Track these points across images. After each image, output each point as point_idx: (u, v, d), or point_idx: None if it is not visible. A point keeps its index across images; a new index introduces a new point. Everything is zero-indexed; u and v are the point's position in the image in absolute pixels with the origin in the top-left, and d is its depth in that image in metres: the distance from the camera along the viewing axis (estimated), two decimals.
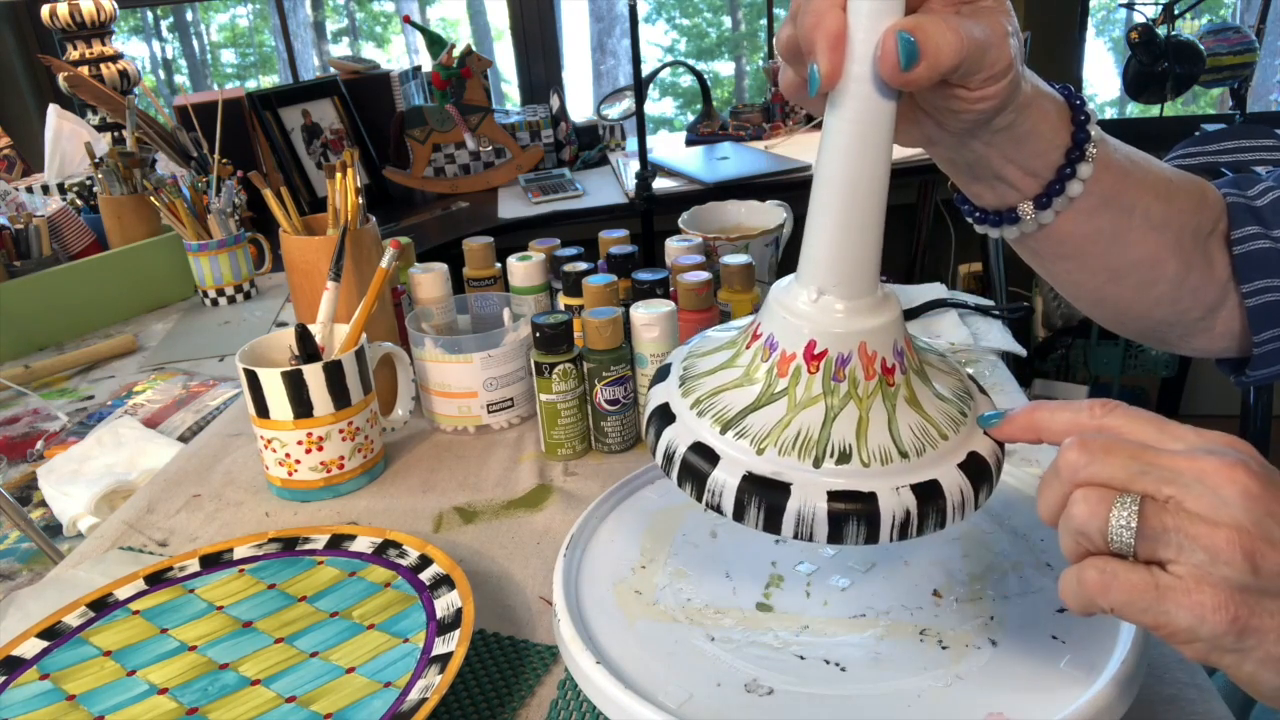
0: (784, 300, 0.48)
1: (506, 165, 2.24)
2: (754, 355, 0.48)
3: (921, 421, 0.47)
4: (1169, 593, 0.36)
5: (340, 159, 0.84)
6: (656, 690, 0.49)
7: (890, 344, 0.47)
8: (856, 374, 0.46)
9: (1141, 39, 2.17)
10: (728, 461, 0.46)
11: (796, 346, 0.47)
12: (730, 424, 0.47)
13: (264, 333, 1.07)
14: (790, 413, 0.46)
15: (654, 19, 3.43)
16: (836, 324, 0.46)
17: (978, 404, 0.49)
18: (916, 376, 0.48)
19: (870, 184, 0.45)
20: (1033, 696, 0.47)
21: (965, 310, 1.03)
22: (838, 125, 0.44)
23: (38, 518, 0.91)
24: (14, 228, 1.38)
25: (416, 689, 0.52)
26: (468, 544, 0.70)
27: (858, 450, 0.45)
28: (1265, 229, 0.57)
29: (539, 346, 0.77)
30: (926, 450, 0.46)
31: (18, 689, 0.56)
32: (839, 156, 0.44)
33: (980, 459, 0.47)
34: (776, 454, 0.46)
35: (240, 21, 3.41)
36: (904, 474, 0.45)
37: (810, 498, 0.44)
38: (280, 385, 0.74)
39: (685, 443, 0.48)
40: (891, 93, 0.43)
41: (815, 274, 0.47)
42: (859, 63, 0.43)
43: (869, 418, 0.46)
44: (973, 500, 0.46)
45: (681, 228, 0.99)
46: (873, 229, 0.46)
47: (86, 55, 1.94)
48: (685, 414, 0.49)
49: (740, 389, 0.48)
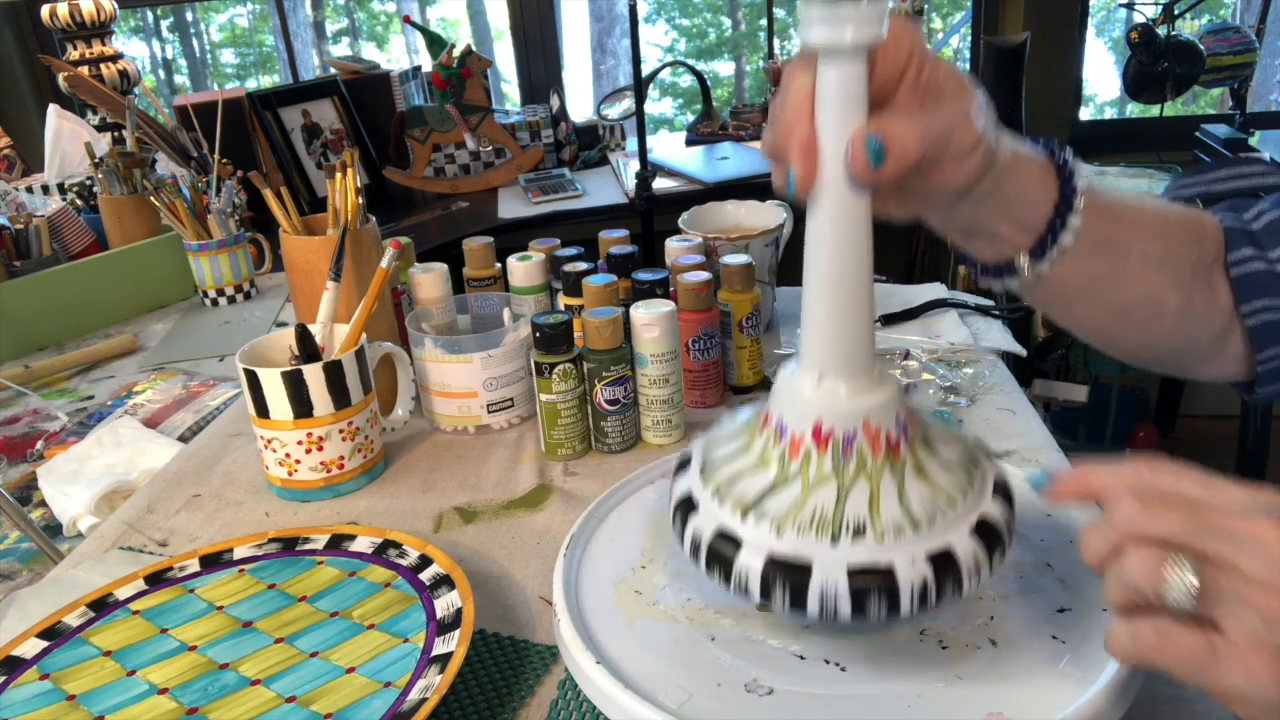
0: (789, 386, 0.50)
1: (506, 165, 2.24)
2: (766, 440, 0.51)
3: (930, 491, 0.48)
4: (1224, 658, 0.36)
5: (340, 159, 0.84)
6: (656, 690, 0.49)
7: (893, 418, 0.49)
8: (863, 450, 0.48)
9: (1141, 39, 2.17)
10: (750, 545, 0.48)
11: (804, 428, 0.49)
12: (750, 508, 0.49)
13: (264, 333, 1.07)
14: (805, 493, 0.48)
15: (654, 19, 3.43)
16: (839, 404, 0.49)
17: (984, 469, 0.51)
18: (922, 447, 0.50)
19: (855, 273, 0.48)
20: (1033, 696, 0.47)
21: (965, 310, 1.03)
22: (820, 222, 0.47)
23: (38, 518, 0.91)
24: (14, 228, 1.38)
25: (416, 689, 0.52)
26: (468, 544, 0.70)
27: (872, 524, 0.47)
28: (1260, 251, 0.59)
29: (539, 346, 0.77)
30: (938, 519, 0.48)
31: (18, 689, 0.56)
32: (823, 251, 0.48)
33: (991, 523, 0.49)
34: (795, 535, 0.48)
35: (240, 21, 3.41)
36: (919, 544, 0.47)
37: (831, 575, 0.46)
38: (280, 385, 0.74)
39: (709, 530, 0.50)
40: (865, 190, 0.46)
41: (815, 358, 0.49)
42: (831, 164, 0.46)
43: (880, 491, 0.48)
44: (987, 565, 0.48)
45: (681, 228, 0.99)
46: (863, 313, 0.49)
47: (86, 55, 1.94)
48: (707, 502, 0.51)
49: (757, 474, 0.50)
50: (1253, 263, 0.58)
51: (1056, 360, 2.27)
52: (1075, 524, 0.60)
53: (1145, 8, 2.30)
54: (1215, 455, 2.37)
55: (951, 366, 0.91)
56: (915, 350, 0.94)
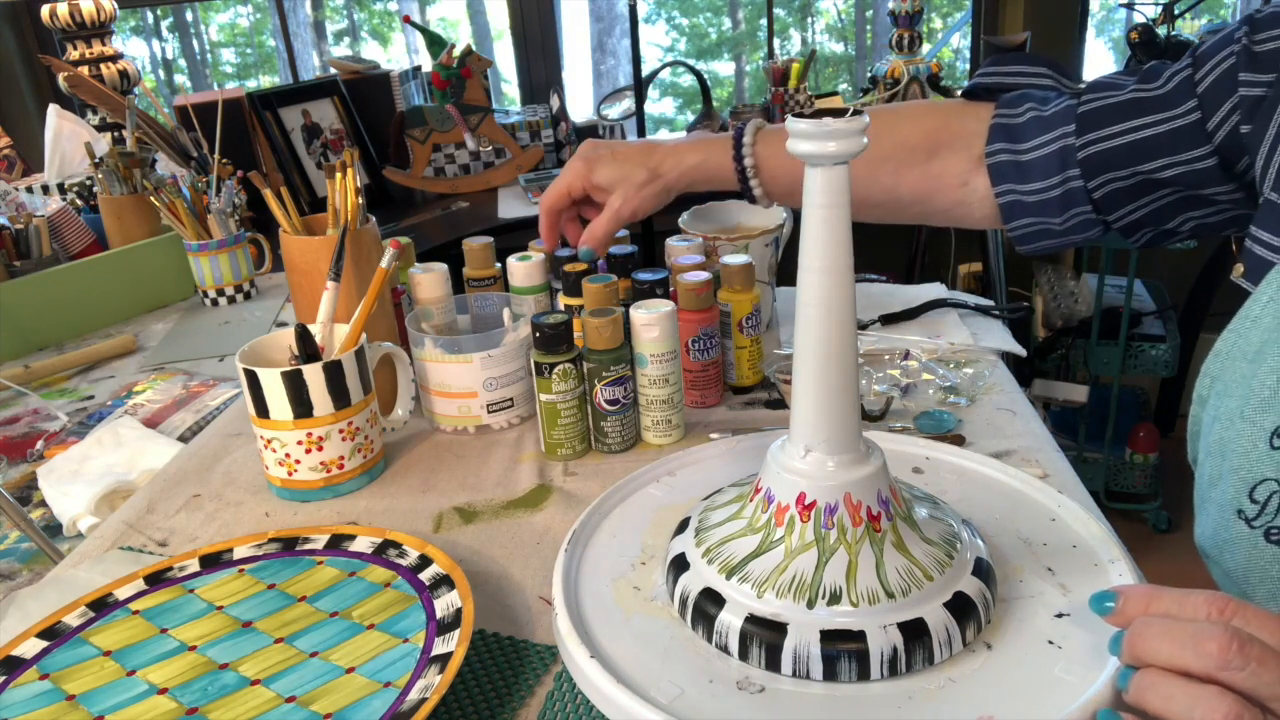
0: (779, 458, 0.54)
1: (506, 165, 2.24)
2: (755, 507, 0.55)
3: (908, 564, 0.51)
4: None
5: (340, 159, 0.84)
6: (649, 686, 0.49)
7: (874, 493, 0.52)
8: (844, 521, 0.52)
9: (1141, 39, 2.17)
10: (733, 604, 0.52)
11: (789, 498, 0.53)
12: (735, 570, 0.53)
13: (264, 333, 1.07)
14: (787, 558, 0.52)
15: (654, 19, 3.42)
16: (823, 477, 0.52)
17: (966, 547, 0.54)
18: (904, 523, 0.53)
19: (840, 356, 0.51)
20: (1025, 701, 0.47)
21: (965, 310, 1.03)
22: (806, 312, 0.51)
23: (38, 518, 0.91)
24: (14, 228, 1.38)
25: (416, 689, 0.52)
26: (467, 544, 0.70)
27: (847, 592, 0.50)
28: (1011, 144, 0.76)
29: (539, 346, 0.77)
30: (912, 591, 0.50)
31: (18, 689, 0.56)
32: (810, 335, 0.51)
33: (965, 598, 0.51)
34: (775, 596, 0.51)
35: (240, 21, 3.41)
36: (891, 613, 0.50)
37: (805, 637, 0.49)
38: (280, 385, 0.74)
39: (696, 589, 0.53)
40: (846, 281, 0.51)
41: (803, 433, 0.53)
42: (810, 252, 0.50)
43: (858, 561, 0.51)
44: (959, 636, 0.50)
45: (681, 228, 0.99)
46: (848, 394, 0.52)
47: (86, 55, 1.94)
48: (698, 561, 0.55)
49: (744, 538, 0.54)
50: (1000, 155, 0.76)
51: (1056, 360, 2.27)
52: (1077, 530, 0.60)
53: (1145, 8, 2.30)
54: None
55: (951, 366, 0.91)
56: (915, 350, 0.95)
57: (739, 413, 0.86)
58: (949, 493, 0.65)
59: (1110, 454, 2.22)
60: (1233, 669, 0.38)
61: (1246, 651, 0.38)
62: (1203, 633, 0.40)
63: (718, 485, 0.64)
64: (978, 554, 0.54)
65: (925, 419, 0.82)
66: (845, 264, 0.50)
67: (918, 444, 0.71)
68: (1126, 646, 0.43)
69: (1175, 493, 2.30)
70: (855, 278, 0.51)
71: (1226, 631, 0.39)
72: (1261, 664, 0.38)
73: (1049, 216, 0.75)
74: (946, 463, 0.69)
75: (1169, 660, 0.41)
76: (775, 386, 0.89)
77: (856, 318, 0.52)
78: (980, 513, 0.62)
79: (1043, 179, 0.74)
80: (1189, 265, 2.34)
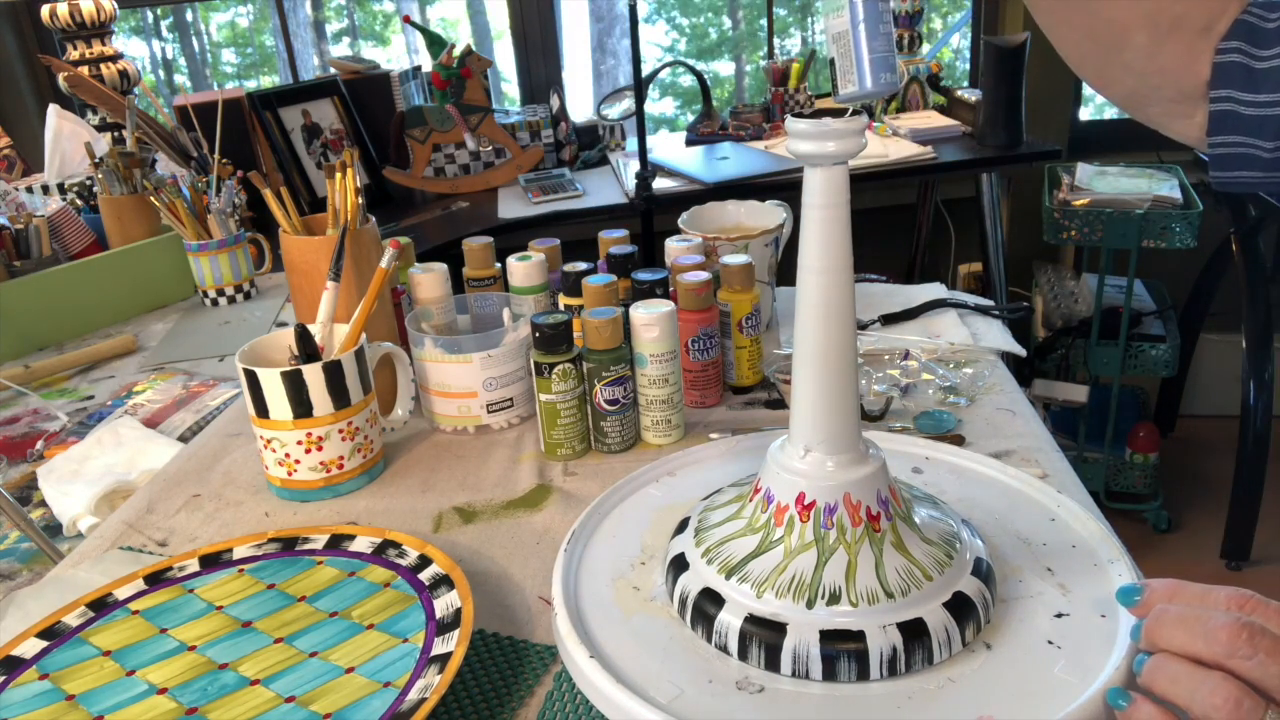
0: (778, 458, 0.54)
1: (506, 165, 2.24)
2: (755, 507, 0.55)
3: (908, 564, 0.51)
4: None
5: (340, 159, 0.84)
6: (648, 685, 0.49)
7: (873, 493, 0.52)
8: (844, 521, 0.52)
9: None
10: (732, 604, 0.52)
11: (789, 498, 0.53)
12: (734, 570, 0.53)
13: (264, 333, 1.07)
14: (786, 558, 0.52)
15: (654, 19, 3.42)
16: (823, 477, 0.52)
17: (965, 547, 0.54)
18: (903, 523, 0.53)
19: (840, 356, 0.51)
20: (1024, 701, 0.47)
21: (965, 310, 1.03)
22: (805, 313, 0.51)
23: (38, 518, 0.91)
24: (14, 228, 1.38)
25: (416, 689, 0.52)
26: (467, 544, 0.70)
27: (847, 592, 0.50)
28: (1252, 45, 0.61)
29: (539, 346, 0.77)
30: (912, 591, 0.50)
31: (17, 689, 0.56)
32: (810, 336, 0.51)
33: (965, 598, 0.51)
34: (774, 596, 0.51)
35: (240, 21, 3.40)
36: (890, 613, 0.50)
37: (805, 637, 0.49)
38: (280, 385, 0.74)
39: (696, 589, 0.53)
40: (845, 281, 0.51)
41: (803, 434, 0.53)
42: (811, 254, 0.50)
43: (857, 561, 0.51)
44: (958, 636, 0.50)
45: (681, 228, 0.99)
46: (848, 394, 0.52)
47: (86, 55, 1.94)
48: (697, 561, 0.55)
49: (743, 538, 0.54)
50: (1233, 55, 0.61)
51: (1056, 360, 2.27)
52: (1076, 530, 0.60)
53: None
54: (1215, 455, 2.37)
55: (951, 366, 0.91)
56: (915, 350, 0.94)
57: (739, 413, 0.86)
58: (948, 493, 0.65)
59: (1110, 454, 2.22)
60: (1240, 657, 0.39)
61: (1256, 641, 0.39)
62: (1215, 621, 0.40)
63: (717, 485, 0.64)
64: (977, 554, 0.54)
65: (925, 419, 0.82)
66: (845, 264, 0.50)
67: (917, 444, 0.71)
68: (1144, 632, 0.44)
69: (1175, 493, 2.30)
70: (855, 278, 0.52)
71: (1238, 621, 0.40)
72: (1270, 656, 0.39)
73: (1262, 138, 0.64)
74: (946, 463, 0.69)
75: (1181, 646, 0.41)
76: (775, 386, 0.89)
77: (856, 318, 0.52)
78: (980, 513, 0.62)
79: (1273, 92, 0.63)
80: (1189, 265, 2.34)
